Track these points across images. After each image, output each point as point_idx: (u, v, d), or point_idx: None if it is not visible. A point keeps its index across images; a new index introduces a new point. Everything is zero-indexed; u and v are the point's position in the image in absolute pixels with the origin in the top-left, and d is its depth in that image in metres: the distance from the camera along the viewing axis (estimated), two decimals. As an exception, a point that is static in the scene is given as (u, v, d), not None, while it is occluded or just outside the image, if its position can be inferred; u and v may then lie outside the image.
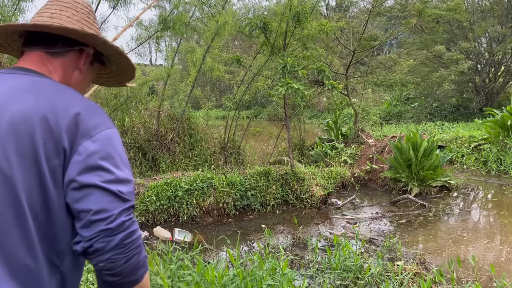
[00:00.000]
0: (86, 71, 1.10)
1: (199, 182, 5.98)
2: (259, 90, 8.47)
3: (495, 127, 9.43)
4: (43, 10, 1.06)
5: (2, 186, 0.85)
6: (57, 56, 1.03)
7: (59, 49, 1.03)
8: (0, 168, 0.85)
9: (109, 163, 0.93)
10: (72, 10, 1.06)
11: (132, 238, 0.92)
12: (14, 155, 0.86)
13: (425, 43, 16.31)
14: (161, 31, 6.39)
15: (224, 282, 2.84)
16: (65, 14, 1.04)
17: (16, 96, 0.90)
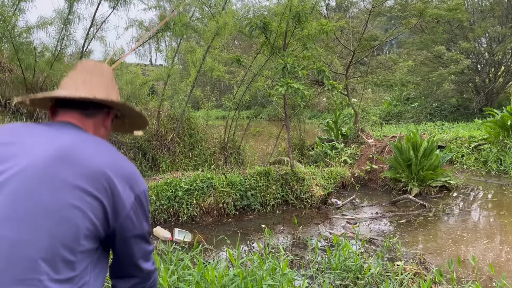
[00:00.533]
0: (110, 127, 1.27)
1: (199, 182, 5.98)
2: (259, 90, 8.47)
3: (495, 127, 9.43)
4: (75, 76, 1.20)
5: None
6: (90, 116, 1.19)
7: (92, 111, 1.19)
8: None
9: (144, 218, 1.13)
10: (99, 76, 1.22)
11: None
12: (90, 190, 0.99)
13: (425, 43, 16.31)
14: (161, 31, 6.39)
15: (225, 282, 2.84)
16: (95, 81, 1.20)
17: (88, 148, 1.06)
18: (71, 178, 0.97)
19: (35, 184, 0.95)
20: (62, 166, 0.98)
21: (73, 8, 6.06)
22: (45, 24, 6.10)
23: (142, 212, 1.11)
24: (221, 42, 7.56)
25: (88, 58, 7.28)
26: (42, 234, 0.92)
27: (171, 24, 6.22)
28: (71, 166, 0.98)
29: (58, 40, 6.24)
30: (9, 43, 5.77)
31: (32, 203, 0.93)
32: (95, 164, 1.01)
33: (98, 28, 6.35)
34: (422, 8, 12.02)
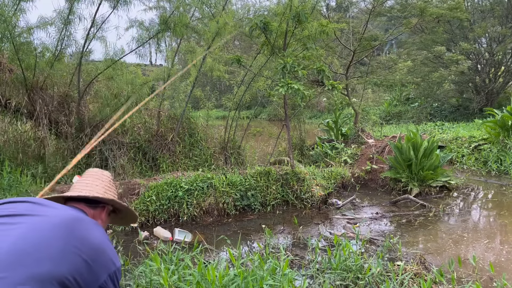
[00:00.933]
0: (105, 220, 1.68)
1: (199, 182, 5.98)
2: (259, 90, 8.48)
3: (495, 127, 9.43)
4: (83, 180, 1.67)
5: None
6: (92, 208, 1.62)
7: (94, 205, 1.63)
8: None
9: None
10: (99, 180, 1.68)
11: None
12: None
13: (425, 43, 16.32)
14: (161, 32, 6.40)
15: (225, 282, 2.85)
16: (96, 184, 1.66)
17: (87, 225, 1.39)
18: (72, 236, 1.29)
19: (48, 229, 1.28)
20: (67, 228, 1.31)
21: (74, 8, 6.06)
22: (45, 24, 6.10)
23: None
24: (221, 42, 7.56)
25: (88, 58, 7.29)
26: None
27: (171, 25, 6.22)
28: (73, 231, 1.30)
29: (58, 40, 6.25)
30: (9, 43, 5.77)
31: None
32: (88, 236, 1.33)
33: (98, 28, 6.35)
34: (423, 7, 12.02)
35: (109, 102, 6.64)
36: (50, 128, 6.51)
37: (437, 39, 15.81)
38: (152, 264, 3.22)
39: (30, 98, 6.25)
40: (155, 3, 6.75)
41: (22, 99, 6.21)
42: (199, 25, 7.11)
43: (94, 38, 6.42)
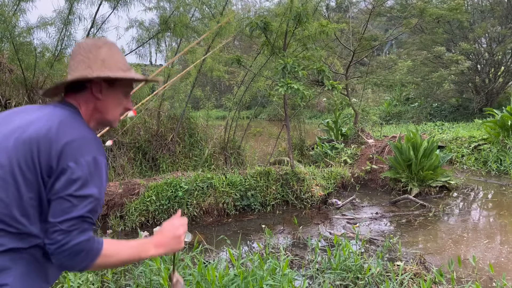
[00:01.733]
0: (106, 96, 1.36)
1: (199, 182, 5.98)
2: (259, 90, 8.48)
3: (495, 127, 9.43)
4: (70, 63, 1.38)
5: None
6: (80, 93, 1.34)
7: (79, 89, 1.34)
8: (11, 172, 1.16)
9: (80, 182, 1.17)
10: (80, 56, 1.33)
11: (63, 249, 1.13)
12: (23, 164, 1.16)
13: (425, 43, 16.32)
14: (161, 32, 6.40)
15: (225, 282, 2.85)
16: (76, 64, 1.33)
17: (36, 121, 1.22)
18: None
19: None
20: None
21: (73, 8, 6.06)
22: (45, 25, 6.10)
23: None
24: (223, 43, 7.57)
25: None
26: None
27: (171, 25, 6.22)
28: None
29: (58, 40, 6.25)
30: (9, 43, 5.77)
31: None
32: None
33: (98, 29, 6.35)
34: (423, 7, 12.02)
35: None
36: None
37: (437, 39, 15.81)
38: (152, 264, 3.22)
39: (30, 98, 6.25)
40: (155, 3, 6.74)
41: (22, 99, 6.21)
42: (199, 25, 7.11)
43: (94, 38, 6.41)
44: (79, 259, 1.13)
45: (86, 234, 1.14)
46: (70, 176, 1.14)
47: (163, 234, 1.36)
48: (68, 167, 1.14)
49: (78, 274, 3.11)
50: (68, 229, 1.11)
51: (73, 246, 1.11)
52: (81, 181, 1.14)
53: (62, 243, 1.10)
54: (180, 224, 1.40)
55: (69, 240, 1.11)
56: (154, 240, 1.33)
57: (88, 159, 1.17)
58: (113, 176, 6.46)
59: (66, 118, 1.25)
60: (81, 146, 1.19)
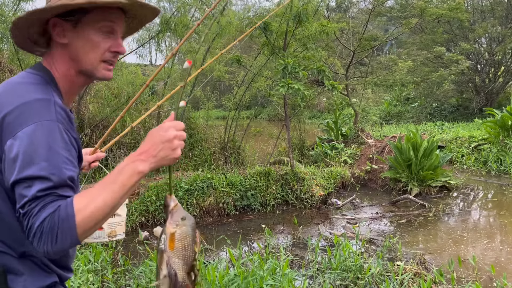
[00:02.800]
0: (72, 38, 1.06)
1: (199, 182, 5.98)
2: (259, 90, 8.48)
3: (495, 127, 9.43)
4: None
5: None
6: (51, 47, 1.09)
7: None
8: None
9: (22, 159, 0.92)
10: None
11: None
12: None
13: (425, 43, 16.32)
14: (162, 32, 6.40)
15: (225, 282, 2.85)
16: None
17: None
18: None
19: None
20: None
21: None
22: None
23: None
24: (221, 43, 7.57)
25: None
26: None
27: (172, 25, 6.23)
28: None
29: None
30: (9, 43, 5.78)
31: None
32: None
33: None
34: (423, 7, 12.02)
35: (109, 102, 6.65)
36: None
37: (437, 39, 15.80)
38: (152, 264, 3.22)
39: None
40: (155, 3, 6.75)
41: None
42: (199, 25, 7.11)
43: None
44: (57, 237, 0.89)
45: (48, 207, 0.90)
46: (9, 156, 0.92)
47: (148, 140, 1.00)
48: (7, 146, 0.93)
49: (78, 274, 3.11)
50: (27, 209, 0.90)
51: (39, 227, 0.88)
52: (22, 160, 0.91)
53: (28, 228, 0.90)
54: (172, 125, 1.02)
55: (33, 223, 0.89)
56: (137, 153, 0.99)
57: (27, 129, 0.92)
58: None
59: (12, 85, 1.02)
60: (20, 115, 0.94)
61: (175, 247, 0.97)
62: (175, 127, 1.02)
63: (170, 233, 0.98)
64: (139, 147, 1.00)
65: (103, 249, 3.80)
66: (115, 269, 3.54)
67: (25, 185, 0.90)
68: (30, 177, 0.90)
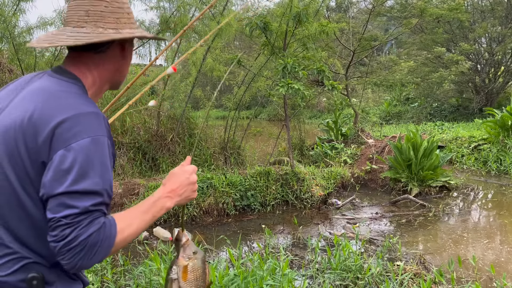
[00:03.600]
0: (128, 53, 1.21)
1: (199, 182, 5.98)
2: (259, 90, 8.48)
3: (495, 127, 9.43)
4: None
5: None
6: (91, 54, 1.13)
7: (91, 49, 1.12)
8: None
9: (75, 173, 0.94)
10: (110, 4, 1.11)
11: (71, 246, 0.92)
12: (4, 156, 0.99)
13: (425, 43, 16.32)
14: (162, 32, 6.40)
15: (225, 282, 2.85)
16: (110, 11, 1.09)
17: (19, 102, 1.03)
18: None
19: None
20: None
21: (73, 8, 6.05)
22: (45, 25, 6.11)
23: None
24: (221, 43, 7.57)
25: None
26: None
27: (172, 25, 6.22)
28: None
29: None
30: (9, 44, 5.78)
31: None
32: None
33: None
34: (423, 7, 12.02)
35: (108, 102, 6.63)
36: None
37: (437, 39, 15.80)
38: (151, 264, 3.22)
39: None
40: (156, 3, 6.75)
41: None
42: (199, 25, 7.11)
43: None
44: (95, 253, 0.93)
45: (95, 222, 0.93)
46: (60, 166, 0.93)
47: (175, 180, 1.14)
48: (58, 156, 0.93)
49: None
50: (74, 220, 0.91)
51: (84, 240, 0.91)
52: (76, 173, 0.93)
53: (70, 239, 0.90)
54: (193, 169, 1.19)
55: (81, 233, 0.91)
56: (167, 189, 1.12)
57: (83, 143, 0.95)
58: (113, 176, 6.46)
59: (56, 93, 1.02)
60: (74, 126, 0.95)
61: (187, 278, 1.09)
62: (195, 171, 1.19)
63: (183, 265, 1.10)
64: (167, 183, 1.14)
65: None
66: (114, 269, 3.54)
67: (77, 196, 0.92)
68: (84, 190, 0.93)
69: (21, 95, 1.04)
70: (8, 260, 1.00)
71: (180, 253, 1.13)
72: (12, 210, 1.00)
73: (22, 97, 1.03)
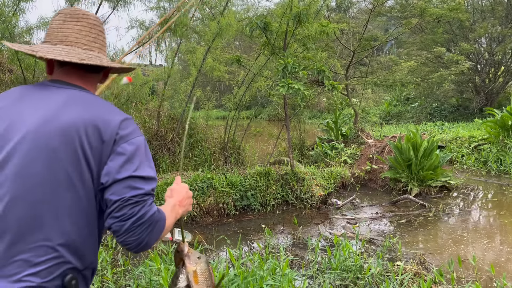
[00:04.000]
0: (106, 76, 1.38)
1: (199, 182, 5.98)
2: (259, 90, 8.48)
3: (495, 127, 9.44)
4: (64, 31, 1.24)
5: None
6: (89, 74, 1.28)
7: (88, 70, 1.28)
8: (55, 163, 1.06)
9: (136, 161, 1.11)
10: (98, 32, 1.29)
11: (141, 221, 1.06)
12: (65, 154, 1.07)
13: (425, 43, 16.32)
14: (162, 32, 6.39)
15: (225, 282, 2.85)
16: (95, 37, 1.27)
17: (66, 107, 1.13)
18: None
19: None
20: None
21: (74, 8, 6.05)
22: (45, 25, 6.10)
23: None
24: (222, 43, 7.57)
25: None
26: None
27: (172, 26, 6.22)
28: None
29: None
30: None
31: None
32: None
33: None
34: (423, 7, 12.02)
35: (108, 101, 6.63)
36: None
37: (437, 39, 15.81)
38: (152, 264, 3.22)
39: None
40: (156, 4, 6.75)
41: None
42: (199, 25, 7.11)
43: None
44: (158, 231, 1.10)
45: (153, 204, 1.13)
46: (124, 157, 1.08)
47: (179, 194, 1.35)
48: (122, 148, 1.09)
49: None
50: (142, 199, 1.07)
51: (153, 215, 1.08)
52: (140, 161, 1.11)
53: (141, 214, 1.05)
54: (187, 186, 1.43)
55: (149, 209, 1.07)
56: (176, 200, 1.31)
57: (139, 139, 1.14)
58: None
59: (97, 100, 1.18)
60: (128, 127, 1.13)
61: (199, 281, 1.23)
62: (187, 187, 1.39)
63: (193, 270, 1.24)
64: (174, 195, 1.35)
65: (103, 249, 3.80)
66: (115, 269, 3.54)
67: (141, 181, 1.09)
68: (146, 176, 1.11)
69: (56, 100, 1.13)
70: (53, 265, 1.04)
71: (186, 261, 1.27)
72: (71, 208, 1.07)
73: (64, 101, 1.13)
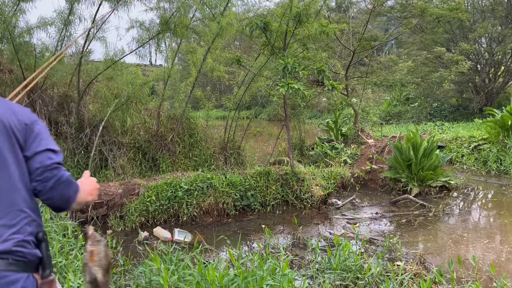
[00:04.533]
0: None
1: (199, 182, 5.98)
2: (259, 90, 8.48)
3: (495, 127, 9.44)
4: None
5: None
6: None
7: None
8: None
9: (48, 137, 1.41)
10: None
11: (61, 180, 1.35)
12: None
13: (425, 43, 16.32)
14: (162, 32, 6.40)
15: (225, 282, 2.85)
16: None
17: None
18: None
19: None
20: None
21: (74, 8, 6.06)
22: (45, 25, 6.10)
23: None
24: (222, 43, 7.57)
25: (88, 58, 7.29)
26: None
27: (172, 26, 6.22)
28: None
29: (58, 40, 6.25)
30: (9, 44, 5.78)
31: None
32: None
33: (98, 29, 6.35)
34: (423, 7, 12.02)
35: (109, 102, 6.64)
36: (49, 129, 6.51)
37: (437, 39, 15.81)
38: (152, 264, 3.23)
39: (30, 98, 6.25)
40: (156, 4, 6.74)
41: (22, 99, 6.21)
42: (199, 26, 7.11)
43: (94, 38, 6.42)
44: (73, 188, 1.38)
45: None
46: (38, 135, 1.36)
47: (89, 185, 1.52)
48: (35, 129, 1.36)
49: (78, 274, 3.10)
50: (59, 166, 1.35)
51: (68, 177, 1.37)
52: (47, 139, 1.39)
53: (59, 176, 1.34)
54: (94, 179, 1.59)
55: (64, 173, 1.36)
56: (87, 188, 1.49)
57: (42, 122, 1.42)
58: (113, 176, 6.46)
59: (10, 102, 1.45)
60: (34, 115, 1.42)
61: (94, 259, 1.42)
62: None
63: (90, 250, 1.43)
64: (85, 186, 1.48)
65: (103, 249, 3.79)
66: (114, 269, 3.54)
67: (54, 152, 1.37)
68: (56, 149, 1.38)
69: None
70: (26, 223, 1.31)
71: (87, 242, 1.44)
72: (18, 177, 1.31)
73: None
